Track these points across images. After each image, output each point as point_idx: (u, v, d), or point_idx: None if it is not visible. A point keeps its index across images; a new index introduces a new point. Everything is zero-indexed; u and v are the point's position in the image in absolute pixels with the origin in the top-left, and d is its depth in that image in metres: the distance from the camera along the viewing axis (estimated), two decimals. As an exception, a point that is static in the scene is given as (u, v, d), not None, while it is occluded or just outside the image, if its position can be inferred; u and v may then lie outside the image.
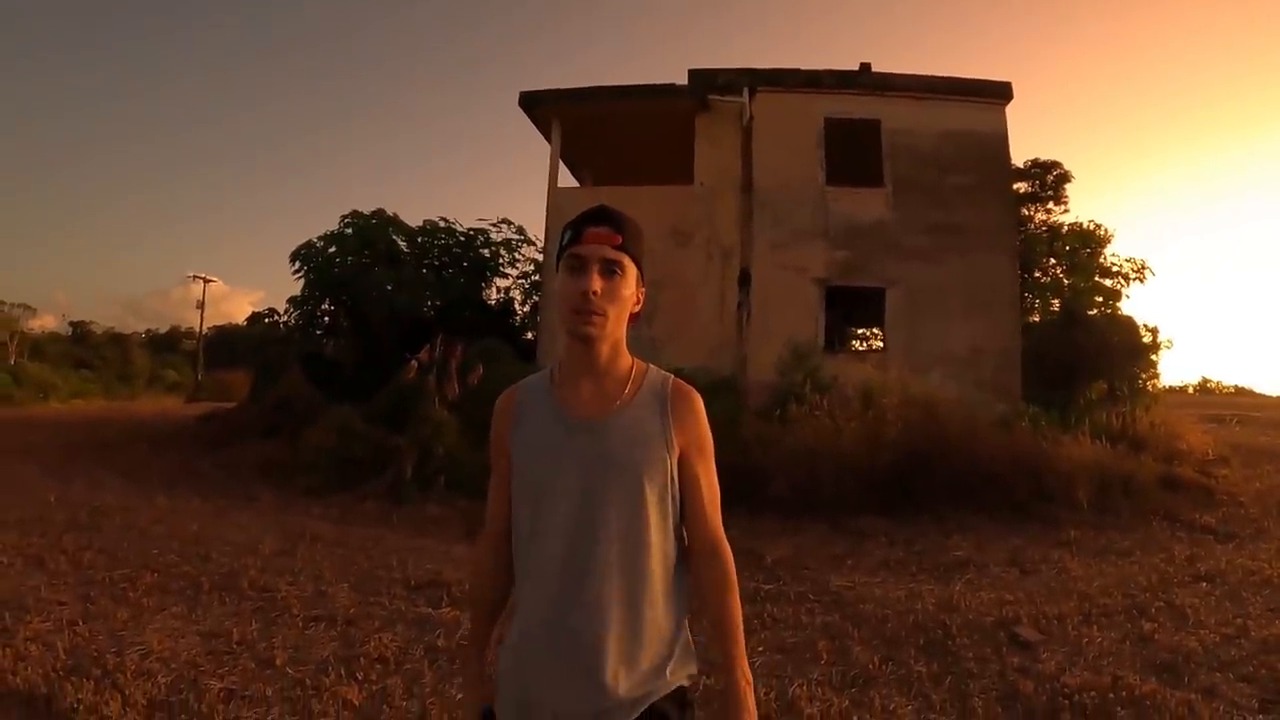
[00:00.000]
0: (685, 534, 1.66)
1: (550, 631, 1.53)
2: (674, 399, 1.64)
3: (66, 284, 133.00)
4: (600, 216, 1.59)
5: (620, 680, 1.51)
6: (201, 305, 47.20)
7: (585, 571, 1.53)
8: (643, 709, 1.52)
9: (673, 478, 1.60)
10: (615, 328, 1.60)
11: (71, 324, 58.89)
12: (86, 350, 49.49)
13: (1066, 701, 3.71)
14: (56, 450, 13.32)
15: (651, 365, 1.72)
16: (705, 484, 1.65)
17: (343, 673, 4.06)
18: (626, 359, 1.67)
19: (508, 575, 1.69)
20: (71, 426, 18.21)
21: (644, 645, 1.54)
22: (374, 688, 3.90)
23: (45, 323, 57.48)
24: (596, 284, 1.54)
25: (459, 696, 3.63)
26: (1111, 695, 3.77)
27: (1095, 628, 4.86)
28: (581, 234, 1.57)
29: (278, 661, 4.20)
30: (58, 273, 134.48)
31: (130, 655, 4.21)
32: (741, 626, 1.63)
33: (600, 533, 1.53)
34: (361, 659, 4.25)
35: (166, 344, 61.32)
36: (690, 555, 1.66)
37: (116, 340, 55.00)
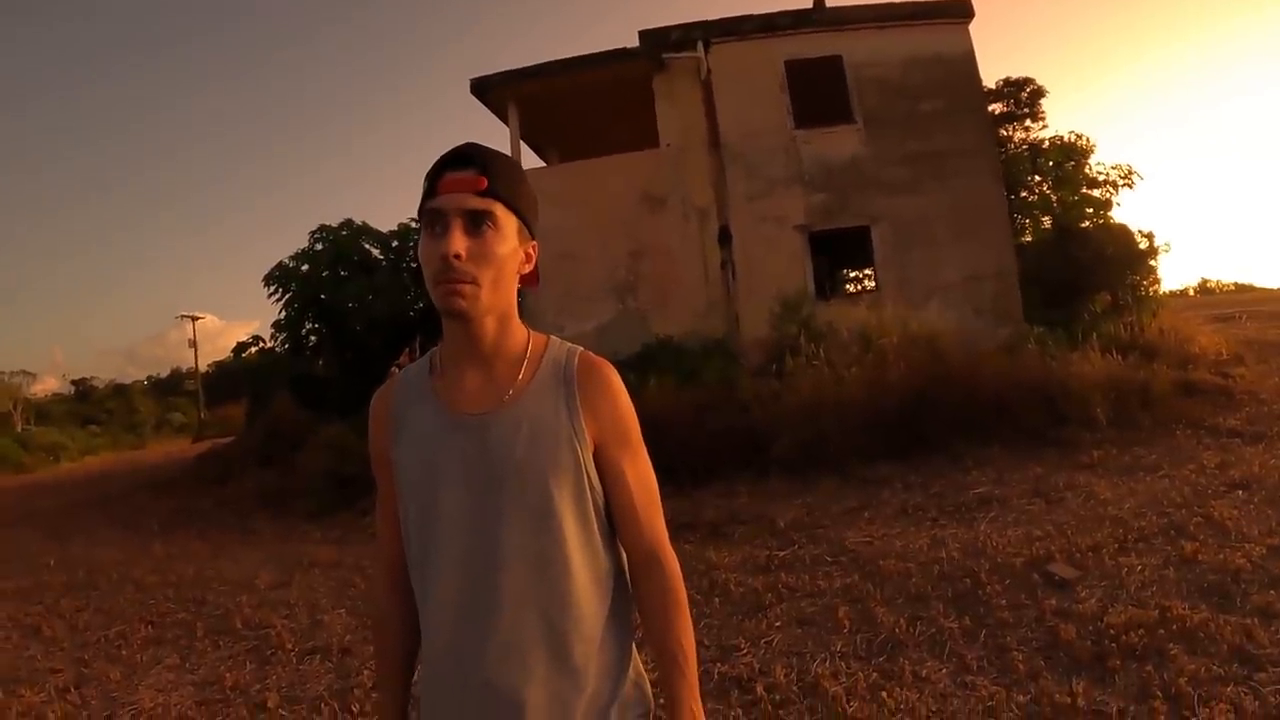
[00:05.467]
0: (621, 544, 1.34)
1: (459, 688, 1.22)
2: (582, 378, 1.30)
3: (63, 340, 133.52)
4: (460, 158, 1.22)
5: None
6: (194, 343, 47.02)
7: (490, 610, 1.21)
8: None
9: (590, 477, 1.28)
10: (495, 297, 1.23)
11: (73, 383, 59.26)
12: (91, 406, 49.71)
13: (1113, 645, 3.42)
14: (59, 511, 13.14)
15: (553, 338, 1.37)
16: (633, 479, 1.32)
17: (336, 708, 3.88)
18: (520, 334, 1.32)
19: (413, 613, 1.36)
20: (76, 485, 18.04)
21: (580, 690, 1.23)
22: (368, 721, 3.68)
23: (47, 385, 57.97)
24: (459, 244, 1.18)
25: None
26: (1161, 630, 3.48)
27: (1134, 555, 4.58)
28: (438, 182, 1.21)
29: (270, 704, 4.03)
30: (53, 331, 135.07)
31: (121, 718, 4.06)
32: (693, 655, 1.32)
33: (502, 560, 1.21)
34: (356, 690, 4.06)
35: (169, 387, 61.31)
36: (627, 566, 1.35)
37: (119, 391, 55.43)
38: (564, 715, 1.22)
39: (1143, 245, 15.62)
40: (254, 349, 18.80)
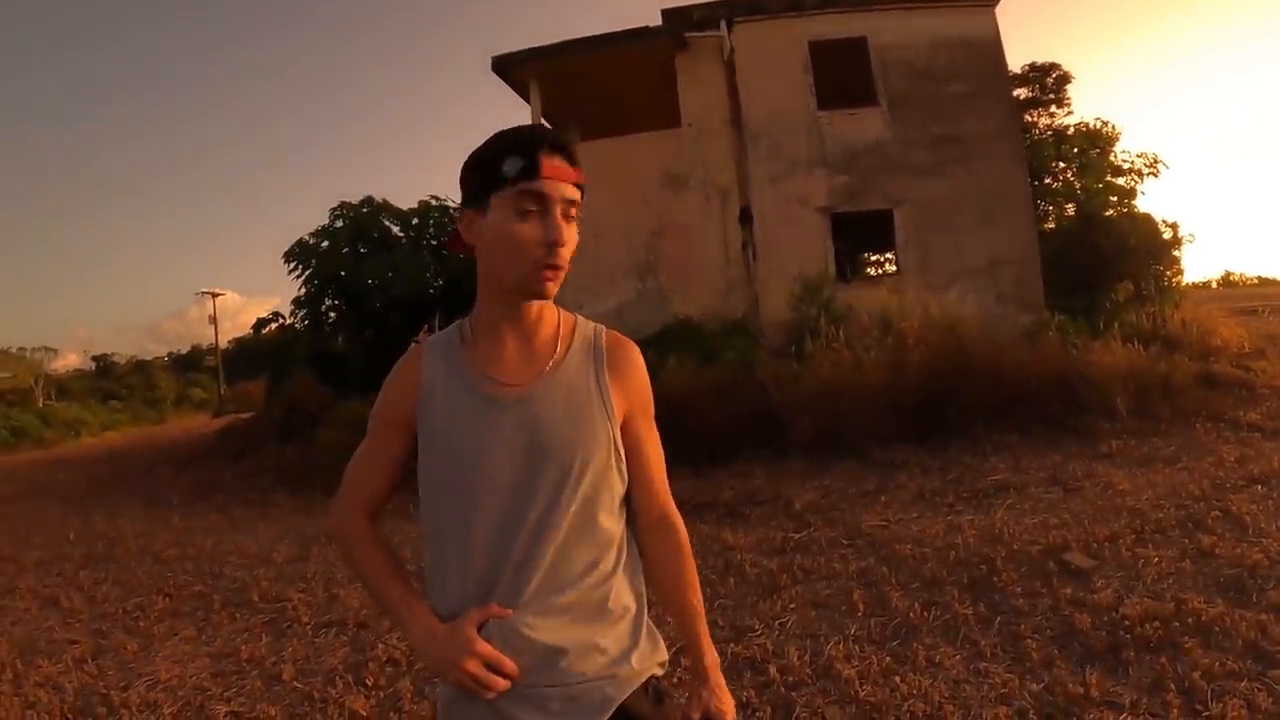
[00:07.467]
0: (631, 504, 1.42)
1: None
2: (611, 354, 1.39)
3: (87, 320, 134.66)
4: (557, 143, 1.26)
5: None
6: (214, 319, 47.32)
7: (528, 573, 1.27)
8: (611, 710, 1.30)
9: (618, 447, 1.36)
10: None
11: (94, 359, 59.51)
12: (112, 382, 49.89)
13: (1127, 636, 3.40)
14: (81, 485, 13.28)
15: (578, 315, 1.44)
16: (651, 449, 1.44)
17: (351, 680, 3.91)
18: (553, 310, 1.39)
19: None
20: (96, 460, 18.17)
21: (607, 640, 1.31)
22: (384, 693, 3.75)
23: (69, 362, 58.28)
24: (566, 232, 1.25)
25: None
26: (1176, 623, 3.46)
27: (1150, 546, 4.54)
28: (538, 164, 1.23)
29: (285, 676, 4.07)
30: (77, 310, 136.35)
31: (138, 688, 4.09)
32: (702, 603, 1.47)
33: (541, 524, 1.27)
34: (371, 664, 4.09)
35: (189, 363, 61.46)
36: (637, 528, 1.45)
37: (140, 368, 55.57)
38: (593, 661, 1.28)
39: (1167, 235, 15.46)
40: (274, 325, 18.93)
